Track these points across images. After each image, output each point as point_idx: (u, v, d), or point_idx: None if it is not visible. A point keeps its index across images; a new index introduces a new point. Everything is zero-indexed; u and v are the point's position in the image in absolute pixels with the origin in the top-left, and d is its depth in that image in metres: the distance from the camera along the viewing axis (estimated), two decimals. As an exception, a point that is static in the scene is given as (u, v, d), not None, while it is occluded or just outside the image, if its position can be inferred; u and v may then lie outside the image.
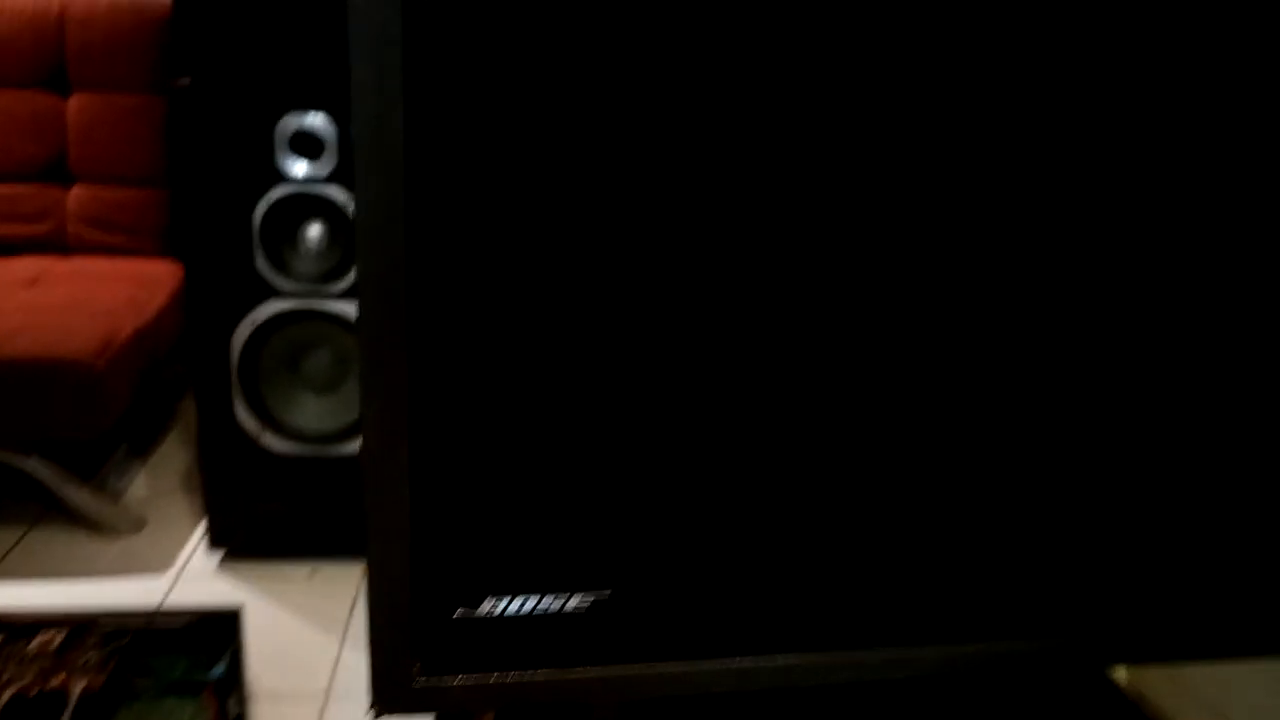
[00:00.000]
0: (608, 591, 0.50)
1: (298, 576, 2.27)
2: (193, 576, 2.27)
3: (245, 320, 2.24)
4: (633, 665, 0.52)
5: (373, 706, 0.50)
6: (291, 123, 2.19)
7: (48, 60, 2.75)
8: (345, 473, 2.34)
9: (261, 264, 2.22)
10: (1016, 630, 0.59)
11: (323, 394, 2.36)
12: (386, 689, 0.50)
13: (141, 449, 2.74)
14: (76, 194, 2.78)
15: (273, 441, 2.27)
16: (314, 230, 2.30)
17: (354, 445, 2.34)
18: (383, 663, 0.50)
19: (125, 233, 2.82)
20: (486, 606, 0.50)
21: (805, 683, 0.54)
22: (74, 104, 2.76)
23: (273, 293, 2.24)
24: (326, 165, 2.25)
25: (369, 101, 0.41)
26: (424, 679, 0.51)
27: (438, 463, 0.46)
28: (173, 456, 2.71)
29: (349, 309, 2.31)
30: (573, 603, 0.50)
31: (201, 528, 2.36)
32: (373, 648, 0.50)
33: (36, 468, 2.34)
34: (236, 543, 2.33)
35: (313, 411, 2.34)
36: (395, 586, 0.48)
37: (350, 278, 2.27)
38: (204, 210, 2.15)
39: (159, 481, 2.61)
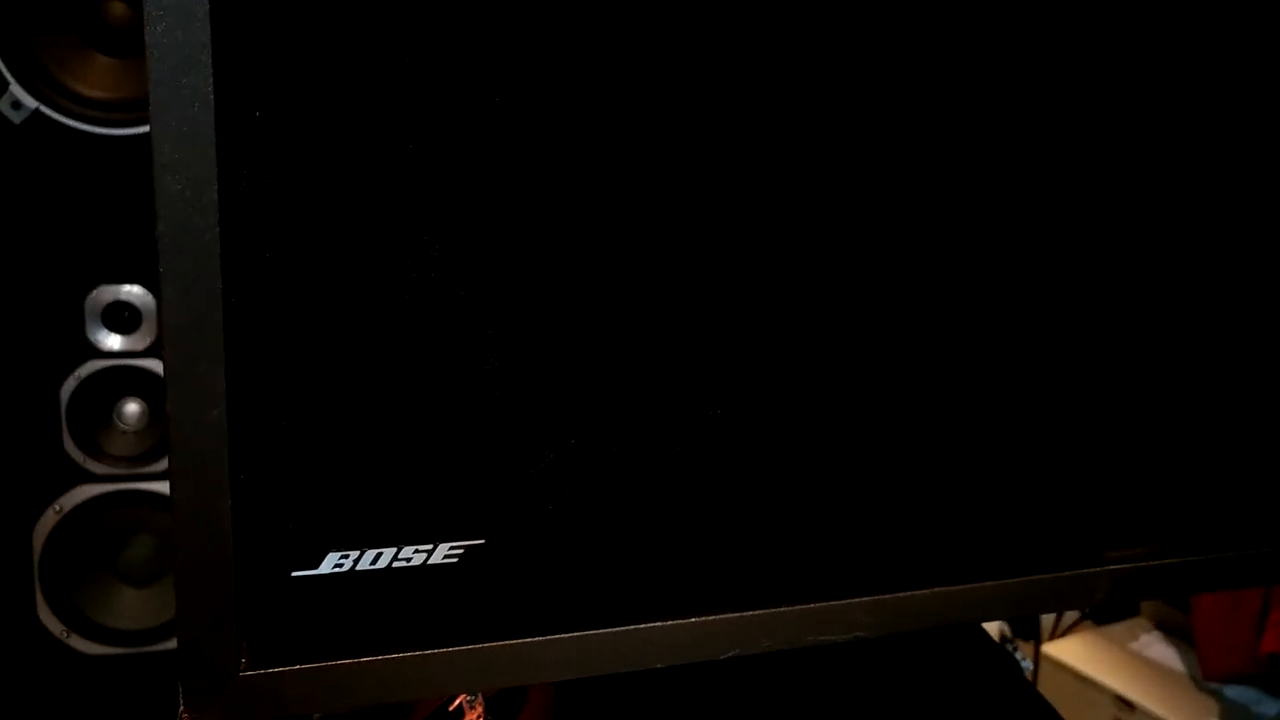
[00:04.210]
0: (481, 540, 0.42)
1: (111, 805, 1.95)
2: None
3: (50, 510, 2.02)
4: (523, 639, 0.43)
5: (183, 710, 0.38)
6: (104, 294, 2.07)
7: None
8: (171, 671, 2.07)
9: (69, 446, 2.04)
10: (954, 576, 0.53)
11: (143, 586, 2.13)
12: (202, 684, 0.39)
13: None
14: None
15: (81, 644, 2.00)
16: (131, 407, 2.14)
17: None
18: (197, 649, 0.39)
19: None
20: (330, 564, 0.40)
21: (742, 649, 0.46)
22: None
23: (83, 477, 2.05)
24: (145, 338, 2.12)
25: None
26: (252, 670, 0.39)
27: (258, 377, 0.38)
28: (-42, 685, 2.33)
29: (172, 489, 2.13)
30: (439, 555, 0.41)
31: (-10, 763, 2.01)
32: (183, 629, 0.39)
33: None
34: (34, 773, 2.00)
35: (130, 607, 2.10)
36: (212, 543, 0.38)
37: (173, 454, 2.10)
38: None
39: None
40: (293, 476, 0.39)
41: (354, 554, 0.40)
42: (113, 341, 2.05)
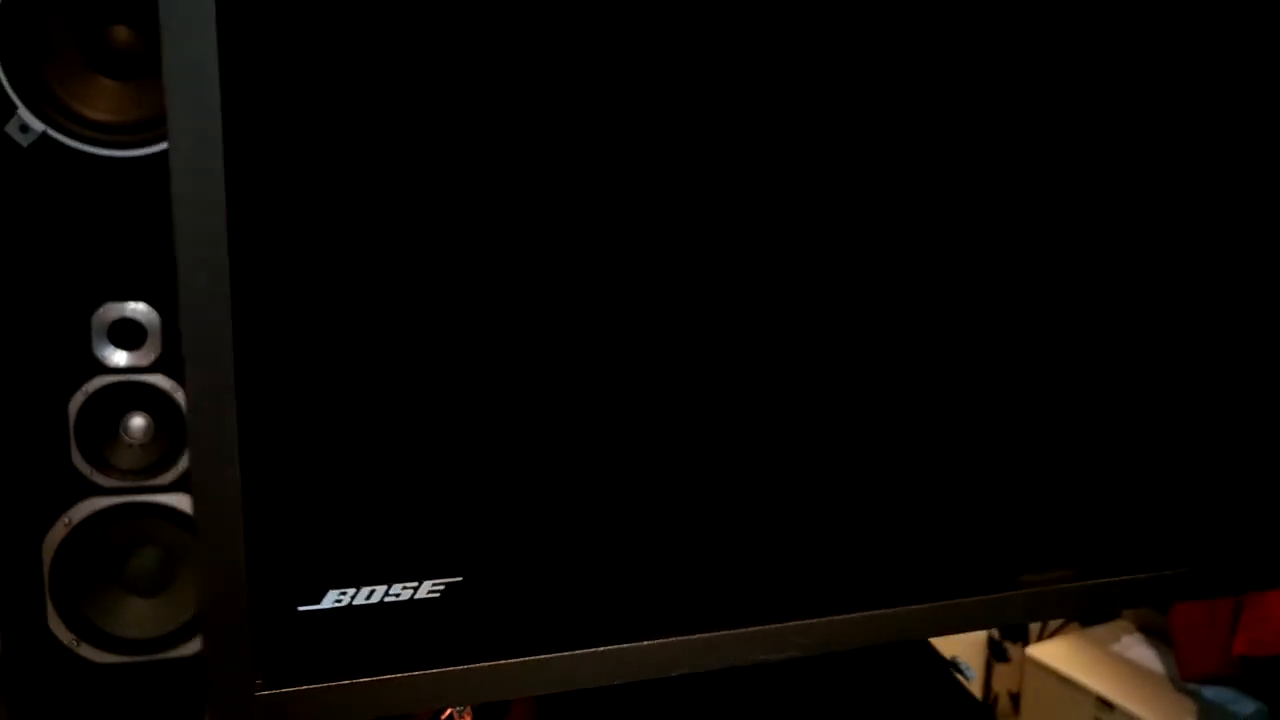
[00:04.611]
0: (459, 578, 0.48)
1: (121, 809, 2.00)
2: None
3: (59, 522, 2.07)
4: (499, 661, 0.49)
5: (208, 727, 0.44)
6: (110, 311, 2.12)
7: None
8: (178, 678, 2.13)
9: (78, 460, 2.09)
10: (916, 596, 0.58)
11: (150, 596, 2.18)
12: (224, 704, 0.45)
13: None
14: None
15: (91, 653, 2.05)
16: (137, 421, 2.19)
17: (188, 648, 2.15)
18: (219, 674, 0.45)
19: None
20: (330, 600, 0.46)
21: (691, 668, 0.51)
22: None
23: (92, 490, 2.09)
24: (149, 354, 2.17)
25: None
26: (267, 690, 0.46)
27: (267, 437, 0.44)
28: (-29, 693, 2.38)
29: (177, 501, 2.18)
30: (424, 590, 0.47)
31: (4, 769, 2.07)
32: (209, 657, 0.45)
33: None
34: (47, 778, 2.06)
35: (137, 616, 2.15)
36: (230, 584, 0.45)
37: (179, 469, 2.16)
38: (6, 408, 2.01)
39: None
40: (297, 529, 0.45)
41: (351, 591, 0.47)
42: (119, 357, 2.09)
